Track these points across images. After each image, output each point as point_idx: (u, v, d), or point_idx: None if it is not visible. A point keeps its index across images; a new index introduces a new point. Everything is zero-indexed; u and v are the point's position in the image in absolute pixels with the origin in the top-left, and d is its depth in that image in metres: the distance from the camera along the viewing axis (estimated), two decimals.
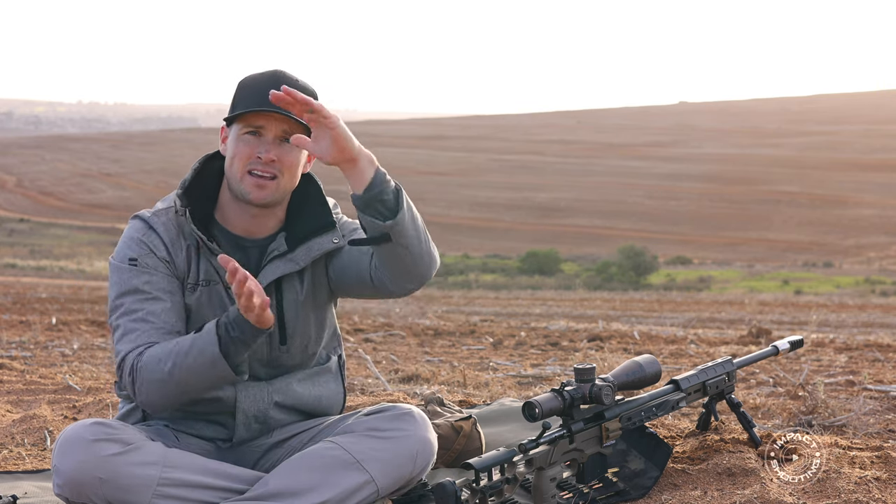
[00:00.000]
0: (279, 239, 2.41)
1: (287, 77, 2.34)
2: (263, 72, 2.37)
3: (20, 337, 7.83)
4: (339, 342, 2.61)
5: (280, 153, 2.32)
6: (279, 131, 2.31)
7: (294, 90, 2.08)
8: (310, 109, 2.09)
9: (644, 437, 2.64)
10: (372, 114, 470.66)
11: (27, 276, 32.16)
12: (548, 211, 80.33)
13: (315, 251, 2.41)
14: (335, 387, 2.56)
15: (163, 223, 2.36)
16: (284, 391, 2.45)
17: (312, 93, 2.36)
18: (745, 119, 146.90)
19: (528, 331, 9.00)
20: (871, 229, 69.25)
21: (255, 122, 2.31)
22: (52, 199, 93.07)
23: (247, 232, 2.40)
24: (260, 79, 2.34)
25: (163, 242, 2.34)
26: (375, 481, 2.27)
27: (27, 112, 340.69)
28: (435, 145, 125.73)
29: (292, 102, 2.08)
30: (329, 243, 2.42)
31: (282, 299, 2.41)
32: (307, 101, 2.08)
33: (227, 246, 2.39)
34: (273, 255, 2.39)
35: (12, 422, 3.67)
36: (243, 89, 2.35)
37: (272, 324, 2.18)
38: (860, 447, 2.77)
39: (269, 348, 2.42)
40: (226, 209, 2.40)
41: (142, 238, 2.34)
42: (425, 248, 2.25)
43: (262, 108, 2.28)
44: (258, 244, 2.41)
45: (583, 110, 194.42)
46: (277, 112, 2.28)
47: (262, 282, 2.36)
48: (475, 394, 4.31)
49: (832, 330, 11.30)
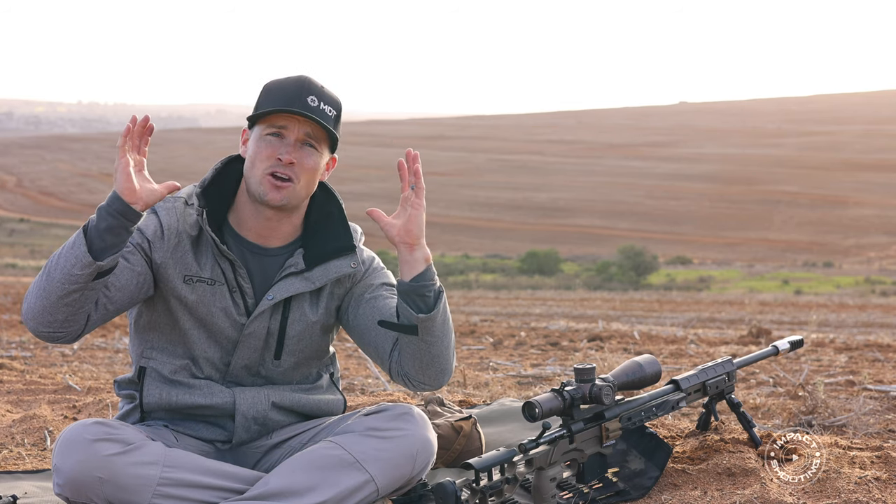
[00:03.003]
0: (297, 255, 2.40)
1: (312, 82, 2.34)
2: (289, 76, 2.37)
3: (20, 337, 7.83)
4: (332, 361, 2.61)
5: (300, 156, 2.31)
6: (301, 134, 2.31)
7: (417, 161, 2.24)
8: (413, 185, 2.24)
9: (644, 437, 2.64)
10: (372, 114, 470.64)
11: (27, 276, 32.14)
12: (548, 211, 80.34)
13: (332, 273, 2.40)
14: (332, 396, 2.57)
15: (166, 209, 2.35)
16: (282, 394, 2.46)
17: (338, 101, 2.38)
18: (745, 119, 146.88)
19: (528, 331, 9.00)
20: (871, 229, 69.26)
21: (277, 123, 2.31)
22: (53, 199, 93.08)
23: (260, 237, 2.39)
24: (285, 83, 2.34)
25: (159, 224, 2.33)
26: (375, 481, 2.27)
27: (27, 112, 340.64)
28: (435, 145, 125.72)
29: (413, 171, 2.22)
30: (347, 267, 2.42)
31: (287, 316, 2.40)
32: (419, 177, 2.25)
33: (238, 250, 2.38)
34: (289, 272, 2.38)
35: (12, 422, 3.67)
36: (268, 92, 2.35)
37: (136, 198, 2.14)
38: (860, 447, 2.77)
39: (262, 359, 2.42)
40: (241, 212, 2.39)
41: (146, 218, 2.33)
42: (445, 353, 2.32)
43: (286, 108, 2.28)
44: (271, 254, 2.40)
45: (583, 110, 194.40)
46: (301, 115, 2.28)
47: (276, 296, 2.36)
48: (475, 394, 4.31)
49: (832, 330, 11.31)
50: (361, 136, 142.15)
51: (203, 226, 2.32)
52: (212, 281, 2.35)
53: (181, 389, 2.38)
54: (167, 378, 2.39)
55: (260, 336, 2.39)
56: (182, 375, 2.40)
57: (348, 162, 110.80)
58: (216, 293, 2.35)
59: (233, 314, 2.36)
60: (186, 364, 2.40)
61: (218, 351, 2.40)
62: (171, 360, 2.40)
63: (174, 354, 2.40)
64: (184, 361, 2.40)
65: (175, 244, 2.33)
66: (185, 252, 2.34)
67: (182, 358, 2.40)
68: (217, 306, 2.36)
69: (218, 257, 2.34)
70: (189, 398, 2.38)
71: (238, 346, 2.39)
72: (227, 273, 2.35)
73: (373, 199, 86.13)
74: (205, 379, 2.41)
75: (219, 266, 2.35)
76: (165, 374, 2.39)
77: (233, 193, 2.41)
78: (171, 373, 2.38)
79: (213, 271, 2.35)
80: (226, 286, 2.35)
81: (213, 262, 2.35)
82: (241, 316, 2.37)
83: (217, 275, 2.35)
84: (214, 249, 2.34)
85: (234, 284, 2.35)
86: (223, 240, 2.36)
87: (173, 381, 2.38)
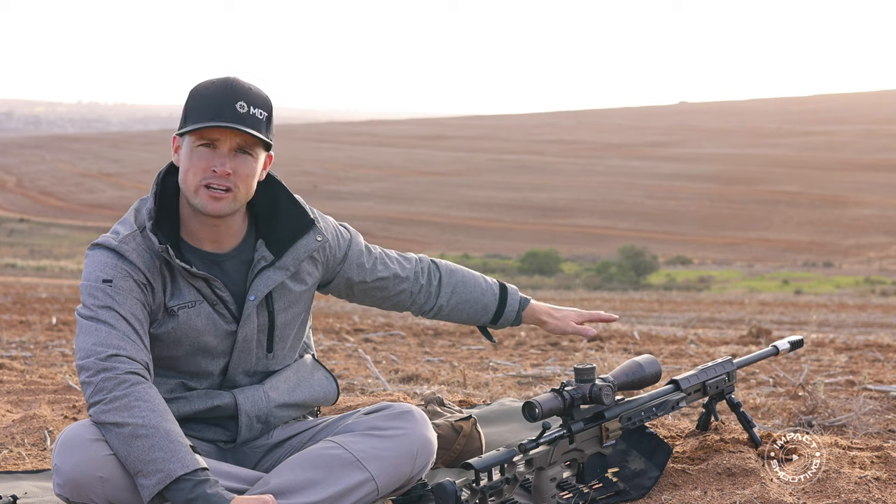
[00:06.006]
0: (261, 248, 2.37)
1: (240, 85, 2.24)
2: (216, 79, 2.26)
3: (20, 337, 7.83)
4: (308, 342, 2.62)
5: (235, 165, 2.23)
6: (234, 144, 2.23)
7: (601, 315, 2.69)
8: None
9: (644, 437, 2.64)
10: (372, 114, 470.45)
11: (27, 276, 32.18)
12: (548, 211, 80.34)
13: (302, 253, 2.38)
14: (321, 376, 2.57)
15: (133, 249, 2.25)
16: (279, 387, 2.45)
17: (267, 99, 2.29)
18: (745, 119, 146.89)
19: (528, 331, 8.99)
20: (871, 229, 69.26)
21: (209, 136, 2.22)
22: (52, 199, 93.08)
23: (214, 244, 2.35)
24: (212, 88, 2.24)
25: (138, 269, 2.25)
26: (375, 480, 2.27)
27: (27, 112, 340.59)
28: (435, 145, 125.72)
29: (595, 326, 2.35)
30: (313, 242, 2.40)
31: (273, 309, 2.39)
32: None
33: (203, 265, 2.33)
34: (261, 266, 2.35)
35: (12, 422, 3.67)
36: (196, 100, 2.25)
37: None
38: (860, 447, 2.76)
39: (257, 358, 2.42)
40: (188, 224, 2.33)
41: (117, 264, 2.24)
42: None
43: (214, 123, 2.19)
44: (231, 256, 2.36)
45: (583, 110, 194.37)
46: (231, 128, 2.20)
47: (258, 295, 2.34)
48: (475, 394, 4.31)
49: (832, 330, 11.31)
50: (361, 136, 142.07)
51: (171, 260, 2.24)
52: (192, 303, 2.31)
53: (180, 403, 2.38)
54: (164, 398, 2.39)
55: (252, 337, 2.39)
56: (178, 392, 2.39)
57: (348, 162, 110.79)
58: (200, 312, 2.32)
59: (221, 326, 2.34)
60: (181, 382, 2.39)
61: (214, 364, 2.39)
62: (165, 381, 2.38)
63: (167, 377, 2.39)
64: (177, 381, 2.39)
65: (154, 280, 2.28)
66: (161, 285, 2.29)
67: (175, 378, 2.39)
68: (204, 324, 2.33)
69: (190, 279, 2.30)
70: (189, 407, 2.38)
71: (234, 353, 2.38)
72: (204, 290, 2.31)
73: (373, 198, 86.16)
74: (203, 389, 2.41)
75: (193, 286, 2.31)
76: (161, 395, 2.39)
77: (176, 207, 2.34)
78: (167, 392, 2.38)
79: (190, 293, 2.31)
80: (206, 302, 2.32)
81: (187, 285, 2.31)
82: (229, 325, 2.35)
83: (194, 295, 2.31)
84: (184, 274, 2.30)
85: (213, 298, 2.32)
86: (187, 260, 2.30)
87: (170, 399, 2.38)
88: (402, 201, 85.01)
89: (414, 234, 71.89)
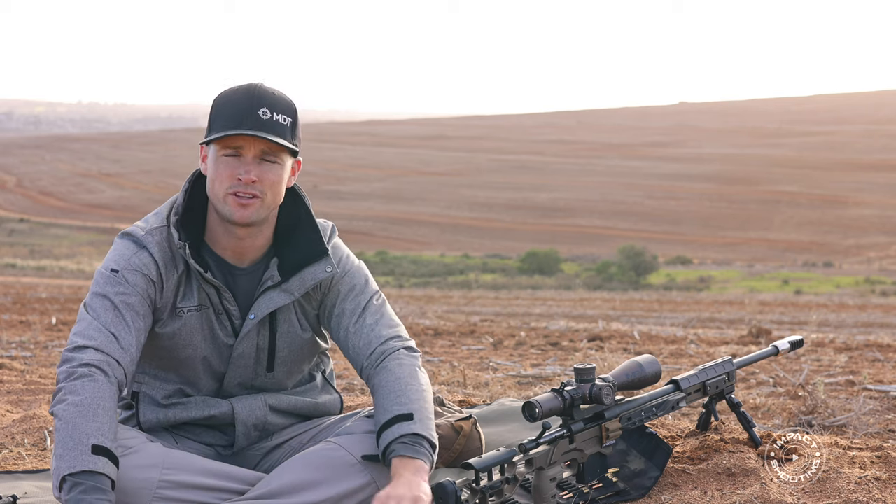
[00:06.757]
0: (272, 267, 2.36)
1: (263, 91, 2.26)
2: (239, 86, 2.28)
3: (20, 337, 7.83)
4: (325, 360, 2.60)
5: (261, 172, 2.25)
6: (258, 151, 2.24)
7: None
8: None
9: (644, 437, 2.64)
10: (372, 114, 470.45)
11: (27, 276, 32.19)
12: (548, 211, 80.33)
13: (309, 281, 2.37)
14: (327, 395, 2.57)
15: (157, 243, 2.28)
16: (278, 398, 2.46)
17: (291, 104, 2.30)
18: (745, 119, 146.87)
19: (528, 331, 8.99)
20: (871, 229, 69.26)
21: (233, 144, 2.24)
22: (52, 199, 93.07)
23: (236, 255, 2.35)
24: (235, 96, 2.26)
25: (155, 263, 2.27)
26: (376, 482, 2.27)
27: (27, 112, 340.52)
28: (435, 145, 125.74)
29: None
30: (322, 272, 2.37)
31: (276, 329, 2.39)
32: None
33: (219, 274, 2.34)
34: (267, 285, 2.35)
35: (12, 422, 3.67)
36: (219, 108, 2.27)
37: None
38: (860, 447, 2.77)
39: (255, 374, 2.42)
40: (214, 231, 2.34)
41: (132, 257, 2.26)
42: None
43: (236, 131, 2.21)
44: (248, 272, 2.37)
45: (583, 110, 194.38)
46: (253, 135, 2.21)
47: (258, 314, 2.34)
48: (475, 394, 4.31)
49: (832, 330, 11.31)
50: (361, 136, 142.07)
51: (188, 259, 2.27)
52: (199, 307, 2.32)
53: (177, 409, 2.39)
54: (161, 402, 2.40)
55: (250, 355, 2.39)
56: (176, 397, 2.40)
57: (348, 162, 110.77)
58: (203, 318, 2.33)
59: (220, 337, 2.35)
60: (179, 388, 2.40)
61: (210, 373, 2.40)
62: (163, 385, 2.40)
63: (166, 380, 2.40)
64: (176, 386, 2.40)
65: (168, 278, 2.29)
66: (175, 284, 2.31)
67: (174, 383, 2.40)
68: (205, 331, 2.34)
69: (203, 284, 2.32)
70: (186, 414, 2.39)
71: (229, 366, 2.39)
72: (213, 297, 2.33)
73: (373, 198, 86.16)
74: (200, 396, 2.41)
75: (204, 291, 2.32)
76: (158, 399, 2.40)
77: (205, 211, 2.35)
78: (164, 398, 2.39)
79: (199, 297, 2.32)
80: (211, 309, 2.33)
81: (198, 288, 2.32)
82: (228, 338, 2.36)
83: (203, 300, 2.32)
84: (199, 278, 2.31)
85: (219, 308, 2.33)
86: (205, 264, 2.31)
87: (168, 405, 2.39)
88: (402, 201, 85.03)
89: (414, 234, 71.91)
